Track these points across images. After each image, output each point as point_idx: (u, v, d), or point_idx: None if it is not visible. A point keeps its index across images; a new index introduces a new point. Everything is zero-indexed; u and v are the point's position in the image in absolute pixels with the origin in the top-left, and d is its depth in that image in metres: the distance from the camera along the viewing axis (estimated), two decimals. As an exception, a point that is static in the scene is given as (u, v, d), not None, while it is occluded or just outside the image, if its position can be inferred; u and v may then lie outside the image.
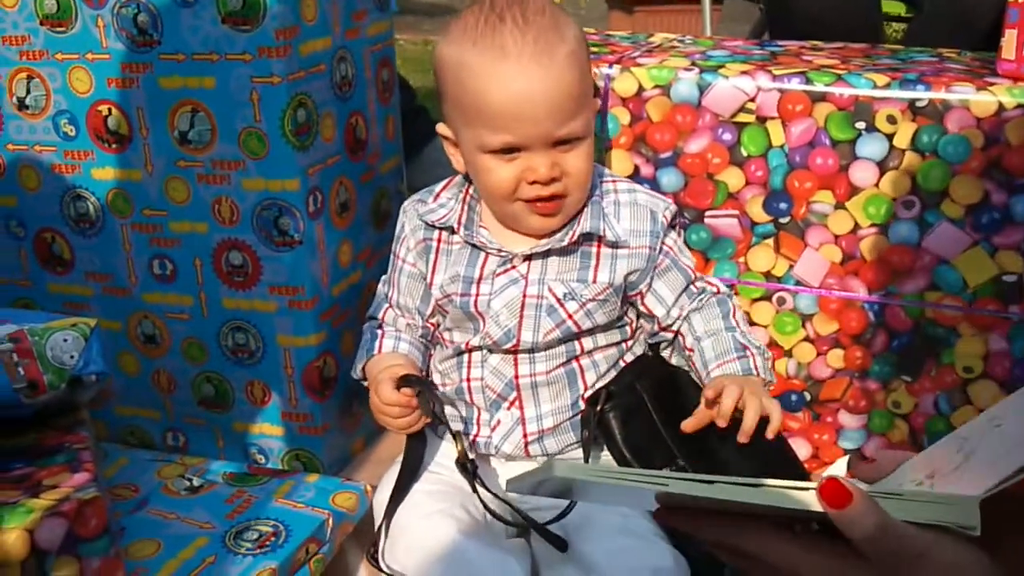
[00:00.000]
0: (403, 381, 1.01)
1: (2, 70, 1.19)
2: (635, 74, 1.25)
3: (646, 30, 3.69)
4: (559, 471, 0.52)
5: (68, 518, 0.82)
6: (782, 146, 1.22)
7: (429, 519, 0.99)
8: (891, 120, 1.18)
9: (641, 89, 1.25)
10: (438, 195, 1.10)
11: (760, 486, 0.55)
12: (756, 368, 1.03)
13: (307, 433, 1.22)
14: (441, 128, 1.06)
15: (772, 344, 1.31)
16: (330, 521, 0.99)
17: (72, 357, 0.97)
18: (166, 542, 0.95)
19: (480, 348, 1.06)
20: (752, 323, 1.30)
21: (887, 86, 1.18)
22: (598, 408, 1.02)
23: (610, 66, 1.27)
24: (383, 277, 1.17)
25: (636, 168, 1.28)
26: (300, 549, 0.95)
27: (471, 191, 1.09)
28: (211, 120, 1.11)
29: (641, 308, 1.10)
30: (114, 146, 1.17)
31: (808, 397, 1.32)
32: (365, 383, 1.10)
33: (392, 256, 1.14)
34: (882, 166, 1.20)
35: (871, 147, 1.19)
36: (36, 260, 1.27)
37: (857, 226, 1.23)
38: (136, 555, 0.93)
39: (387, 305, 1.14)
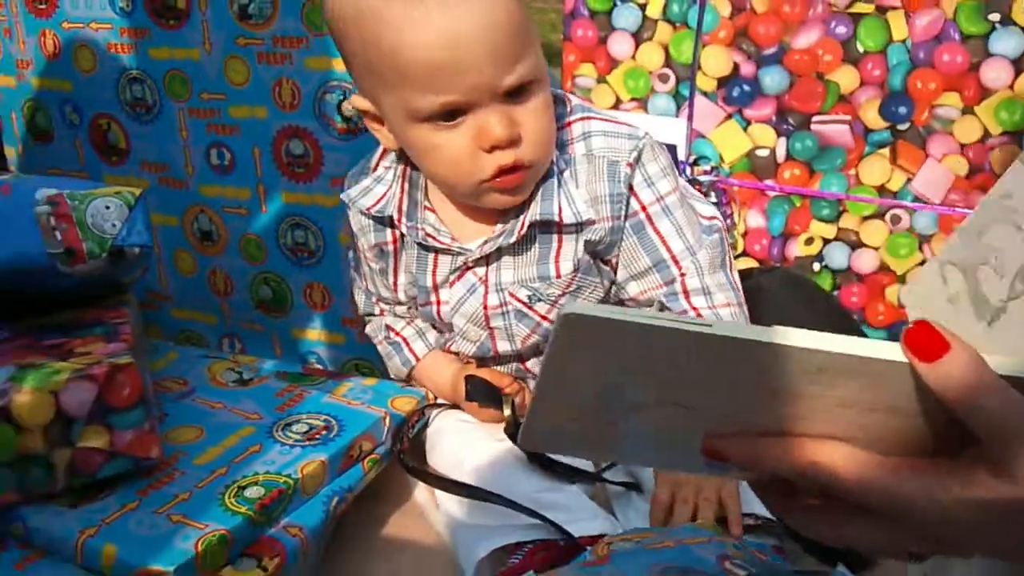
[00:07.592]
0: (472, 394, 0.89)
1: (60, -55, 1.13)
2: (739, -38, 1.13)
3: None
4: (571, 308, 0.37)
5: (97, 382, 0.74)
6: (904, 41, 1.09)
7: (474, 430, 0.90)
8: (1032, 11, 1.04)
9: (745, -22, 1.13)
10: (377, 164, 0.89)
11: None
12: None
13: (368, 342, 1.13)
14: (357, 101, 0.82)
15: (883, 269, 1.17)
16: (387, 420, 0.89)
17: (114, 226, 0.89)
18: (209, 429, 0.86)
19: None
20: (861, 244, 1.17)
21: (1029, -28, 1.04)
22: None
23: (711, -46, 1.15)
24: (351, 255, 0.98)
25: (736, 67, 1.16)
26: (353, 445, 0.85)
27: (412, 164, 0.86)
28: (274, -9, 1.03)
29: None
30: (171, 22, 1.09)
31: (921, 330, 1.19)
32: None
33: (353, 242, 0.95)
34: (1018, 65, 1.06)
35: (1006, 43, 1.06)
36: (92, 149, 1.20)
37: (987, 134, 1.09)
38: (176, 440, 0.84)
39: (375, 300, 0.97)
